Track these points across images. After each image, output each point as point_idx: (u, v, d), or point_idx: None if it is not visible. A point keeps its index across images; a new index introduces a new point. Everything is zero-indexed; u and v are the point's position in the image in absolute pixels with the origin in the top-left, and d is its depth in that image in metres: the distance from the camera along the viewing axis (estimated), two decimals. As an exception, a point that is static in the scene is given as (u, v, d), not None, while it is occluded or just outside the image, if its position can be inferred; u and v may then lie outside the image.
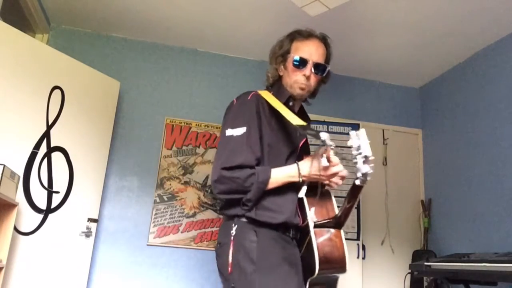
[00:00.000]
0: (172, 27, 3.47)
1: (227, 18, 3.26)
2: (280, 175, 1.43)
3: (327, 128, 3.75)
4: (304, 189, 1.45)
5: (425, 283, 3.29)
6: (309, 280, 1.41)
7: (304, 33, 1.61)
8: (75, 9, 3.29)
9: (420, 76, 3.99)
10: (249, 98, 1.54)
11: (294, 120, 1.44)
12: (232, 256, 1.39)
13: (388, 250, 3.71)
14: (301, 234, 1.50)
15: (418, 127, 4.08)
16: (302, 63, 1.55)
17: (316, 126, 3.73)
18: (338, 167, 1.40)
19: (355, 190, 1.30)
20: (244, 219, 1.43)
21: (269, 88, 1.65)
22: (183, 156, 3.53)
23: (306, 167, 1.43)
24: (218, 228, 3.44)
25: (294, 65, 1.55)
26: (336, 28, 3.23)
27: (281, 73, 1.63)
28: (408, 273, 3.01)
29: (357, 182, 1.24)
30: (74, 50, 3.38)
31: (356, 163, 1.21)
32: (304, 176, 1.43)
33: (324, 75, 1.60)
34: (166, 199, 3.41)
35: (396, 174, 3.90)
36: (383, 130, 3.99)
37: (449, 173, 3.59)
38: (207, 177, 3.52)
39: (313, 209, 1.43)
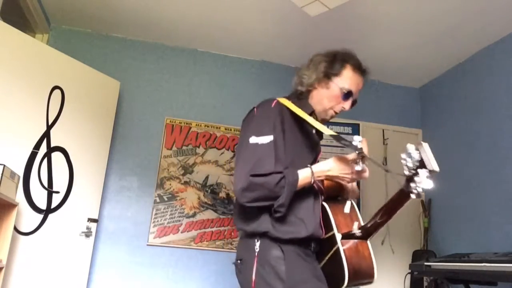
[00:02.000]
0: (172, 27, 3.47)
1: (227, 18, 3.26)
2: (303, 176, 1.40)
3: (327, 128, 3.74)
4: (348, 204, 1.44)
5: (425, 283, 3.29)
6: None
7: (357, 64, 1.54)
8: (75, 9, 3.29)
9: (420, 76, 3.99)
10: (272, 106, 1.48)
11: (326, 130, 1.42)
12: (256, 273, 1.34)
13: (388, 250, 3.71)
14: (322, 245, 1.46)
15: (418, 127, 4.08)
16: (348, 96, 1.51)
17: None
18: (367, 173, 1.40)
19: (399, 202, 1.24)
20: (266, 237, 1.38)
21: (289, 97, 1.57)
22: (183, 156, 3.53)
23: (319, 167, 1.42)
24: (218, 228, 3.44)
25: (342, 94, 1.50)
26: (336, 28, 3.23)
27: (317, 87, 1.54)
28: (408, 273, 3.01)
29: (413, 196, 1.16)
30: (74, 50, 3.38)
31: (414, 175, 1.13)
32: (318, 176, 1.41)
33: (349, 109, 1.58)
34: (166, 199, 3.41)
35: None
36: (383, 130, 3.99)
37: (449, 173, 3.59)
38: (207, 177, 3.52)
39: (333, 219, 1.41)
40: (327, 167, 1.41)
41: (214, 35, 3.54)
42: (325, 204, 1.48)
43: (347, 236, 1.37)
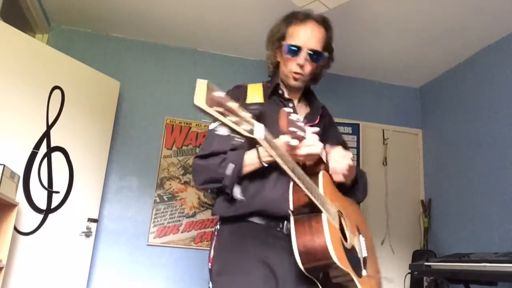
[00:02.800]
0: (172, 27, 3.47)
1: (227, 18, 3.26)
2: (249, 157, 1.29)
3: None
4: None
5: (425, 283, 3.29)
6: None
7: (300, 16, 1.46)
8: (75, 9, 3.29)
9: (420, 76, 3.98)
10: (228, 91, 1.49)
11: (250, 99, 1.35)
12: (214, 250, 1.38)
13: (388, 250, 3.71)
14: None
15: (418, 127, 4.07)
16: (295, 51, 1.41)
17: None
18: (311, 148, 1.17)
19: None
20: (222, 219, 1.39)
21: (265, 81, 1.54)
22: (183, 156, 3.53)
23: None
24: (218, 228, 3.44)
25: (288, 53, 1.42)
26: (336, 28, 3.22)
27: (279, 59, 1.51)
28: (408, 273, 3.01)
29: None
30: (74, 50, 3.37)
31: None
32: (268, 160, 1.24)
33: (321, 63, 1.46)
34: (166, 199, 3.41)
35: (396, 174, 3.90)
36: (383, 130, 3.99)
37: (449, 173, 3.59)
38: (207, 177, 3.52)
39: (291, 195, 1.23)
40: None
41: (214, 35, 3.54)
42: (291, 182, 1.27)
43: (297, 211, 1.20)
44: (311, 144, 1.17)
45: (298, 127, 1.11)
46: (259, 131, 0.96)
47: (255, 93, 1.43)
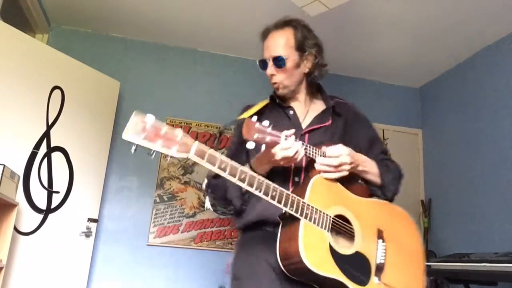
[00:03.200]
0: (172, 27, 3.47)
1: (227, 18, 3.26)
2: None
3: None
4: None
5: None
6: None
7: (268, 29, 1.52)
8: (75, 9, 3.29)
9: (420, 76, 3.99)
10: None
11: (243, 116, 1.37)
12: (233, 258, 1.41)
13: (388, 250, 3.71)
14: None
15: (418, 127, 4.07)
16: (262, 66, 1.49)
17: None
18: (285, 152, 1.18)
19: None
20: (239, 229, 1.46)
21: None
22: (183, 156, 3.53)
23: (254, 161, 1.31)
24: (218, 228, 3.44)
25: (260, 69, 1.50)
26: (336, 28, 3.23)
27: None
28: (408, 273, 3.01)
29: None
30: (74, 50, 3.37)
31: None
32: (259, 167, 1.27)
33: (289, 65, 1.43)
34: (166, 199, 3.41)
35: (396, 174, 3.90)
36: (383, 130, 3.98)
37: (449, 173, 3.59)
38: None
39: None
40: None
41: (214, 35, 3.54)
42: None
43: (284, 217, 1.24)
44: (285, 147, 1.18)
45: (269, 133, 1.14)
46: (192, 149, 1.04)
47: (255, 108, 1.44)
